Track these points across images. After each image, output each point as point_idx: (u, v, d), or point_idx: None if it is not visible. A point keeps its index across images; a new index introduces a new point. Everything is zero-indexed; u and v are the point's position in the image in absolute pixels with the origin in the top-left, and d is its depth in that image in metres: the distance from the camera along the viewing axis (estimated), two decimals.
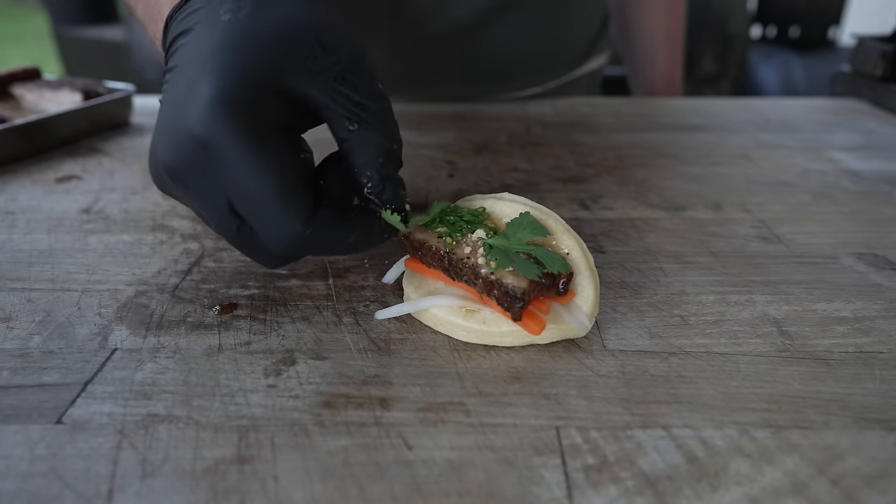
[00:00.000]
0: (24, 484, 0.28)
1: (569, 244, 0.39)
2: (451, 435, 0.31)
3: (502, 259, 0.36)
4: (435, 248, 0.38)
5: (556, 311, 0.38)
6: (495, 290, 0.36)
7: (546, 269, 0.36)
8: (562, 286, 0.37)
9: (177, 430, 0.31)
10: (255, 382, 0.35)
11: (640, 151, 0.72)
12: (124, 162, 0.67)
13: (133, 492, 0.28)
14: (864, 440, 0.31)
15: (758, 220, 0.55)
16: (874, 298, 0.43)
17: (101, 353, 0.37)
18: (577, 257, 0.38)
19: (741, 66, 2.06)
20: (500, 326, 0.37)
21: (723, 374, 0.36)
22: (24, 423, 0.32)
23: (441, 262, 0.38)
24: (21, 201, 0.57)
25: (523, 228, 0.37)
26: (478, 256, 0.37)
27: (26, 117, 0.68)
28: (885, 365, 0.37)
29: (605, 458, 0.30)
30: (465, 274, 0.37)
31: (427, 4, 0.82)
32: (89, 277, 0.45)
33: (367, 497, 0.28)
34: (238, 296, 0.43)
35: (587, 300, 0.38)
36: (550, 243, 0.39)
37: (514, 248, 0.37)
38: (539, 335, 0.37)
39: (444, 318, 0.38)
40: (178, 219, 0.54)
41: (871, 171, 0.67)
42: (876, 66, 0.91)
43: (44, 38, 3.49)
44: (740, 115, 0.87)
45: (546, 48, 0.92)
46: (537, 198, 0.59)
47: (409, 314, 0.40)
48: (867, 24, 2.03)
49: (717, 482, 0.29)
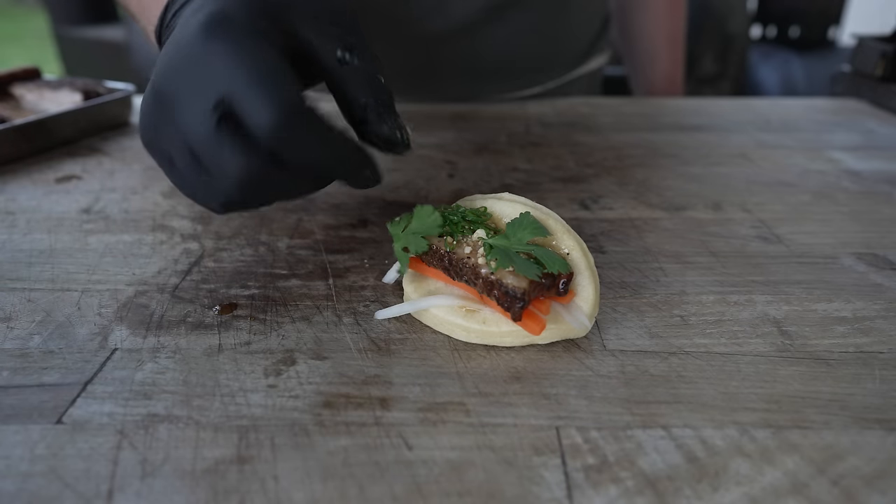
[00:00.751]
0: (24, 484, 0.28)
1: (569, 244, 0.39)
2: (451, 435, 0.31)
3: (502, 259, 0.36)
4: (435, 248, 0.38)
5: (556, 311, 0.38)
6: (495, 290, 0.36)
7: (546, 270, 0.36)
8: (562, 286, 0.37)
9: (177, 430, 0.31)
10: (255, 382, 0.35)
11: (640, 151, 0.72)
12: (124, 162, 0.67)
13: (133, 492, 0.28)
14: (864, 440, 0.31)
15: (758, 220, 0.55)
16: (874, 298, 0.43)
17: (101, 353, 0.37)
18: (578, 257, 0.38)
19: (741, 66, 2.06)
20: (500, 326, 0.37)
21: (723, 374, 0.36)
22: (24, 423, 0.32)
23: (441, 261, 0.38)
24: (21, 201, 0.57)
25: (523, 228, 0.37)
26: (478, 256, 0.37)
27: (26, 117, 0.68)
28: (885, 365, 0.37)
29: (605, 458, 0.30)
30: (466, 274, 0.37)
31: (427, 4, 0.82)
32: (89, 277, 0.45)
33: (367, 497, 0.28)
34: (238, 296, 0.43)
35: (587, 300, 0.38)
36: (550, 243, 0.39)
37: (514, 248, 0.37)
38: (539, 335, 0.37)
39: (444, 318, 0.38)
40: (178, 219, 0.54)
41: (871, 171, 0.67)
42: (876, 66, 0.91)
43: (44, 38, 3.50)
44: (740, 115, 0.87)
45: (546, 48, 0.92)
46: (537, 198, 0.59)
47: (409, 314, 0.40)
48: (867, 24, 2.03)
49: (717, 482, 0.29)
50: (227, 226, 0.53)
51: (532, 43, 0.90)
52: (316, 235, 0.51)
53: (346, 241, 0.51)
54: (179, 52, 0.36)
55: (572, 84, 0.98)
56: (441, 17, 0.83)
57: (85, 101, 0.75)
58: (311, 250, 0.49)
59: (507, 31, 0.87)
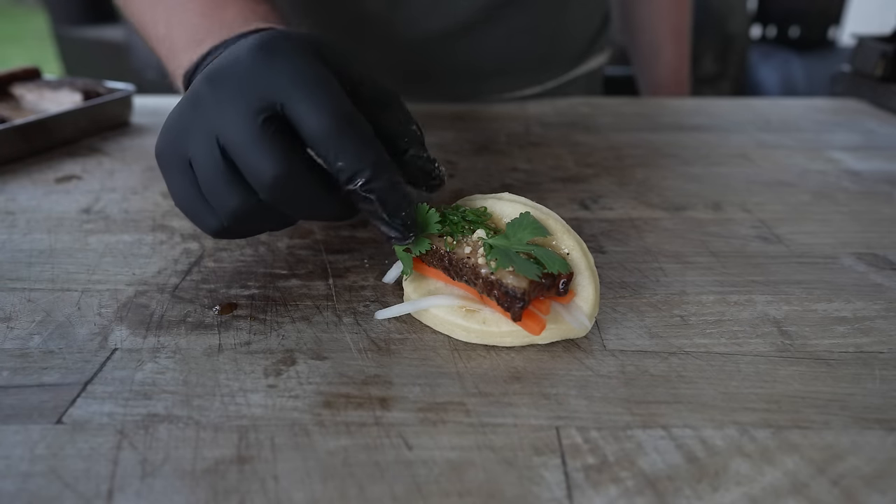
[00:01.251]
0: (24, 484, 0.28)
1: (569, 244, 0.39)
2: (452, 435, 0.31)
3: (502, 259, 0.36)
4: (435, 248, 0.38)
5: (555, 311, 0.38)
6: (495, 290, 0.36)
7: (546, 270, 0.36)
8: (562, 286, 0.37)
9: (177, 430, 0.31)
10: (255, 382, 0.35)
11: (640, 151, 0.72)
12: (124, 162, 0.67)
13: (133, 492, 0.28)
14: (864, 440, 0.31)
15: (758, 220, 0.55)
16: (874, 298, 0.43)
17: (101, 353, 0.37)
18: (578, 257, 0.38)
19: (741, 66, 2.06)
20: (500, 326, 0.37)
21: (723, 374, 0.36)
22: (24, 423, 0.32)
23: (441, 261, 0.38)
24: (21, 201, 0.57)
25: (523, 228, 0.37)
26: (478, 256, 0.37)
27: (26, 117, 0.68)
28: (885, 365, 0.37)
29: (605, 458, 0.30)
30: (466, 274, 0.37)
31: (423, 4, 0.82)
32: (89, 277, 0.45)
33: (367, 497, 0.28)
34: (238, 296, 0.43)
35: (587, 300, 0.38)
36: (550, 243, 0.39)
37: (514, 248, 0.37)
38: (539, 335, 0.37)
39: (444, 318, 0.38)
40: (178, 219, 0.54)
41: (871, 171, 0.67)
42: (876, 66, 0.91)
43: (44, 39, 3.49)
44: (740, 115, 0.87)
45: (544, 47, 0.91)
46: (537, 198, 0.59)
47: (409, 314, 0.40)
48: (867, 23, 2.03)
49: (717, 482, 0.29)
50: None
51: (530, 42, 0.90)
52: (316, 235, 0.51)
53: (346, 241, 0.51)
54: (229, 62, 0.37)
55: (572, 84, 0.97)
56: (438, 17, 0.83)
57: (85, 101, 0.75)
58: (311, 250, 0.49)
59: (504, 30, 0.87)
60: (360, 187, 0.35)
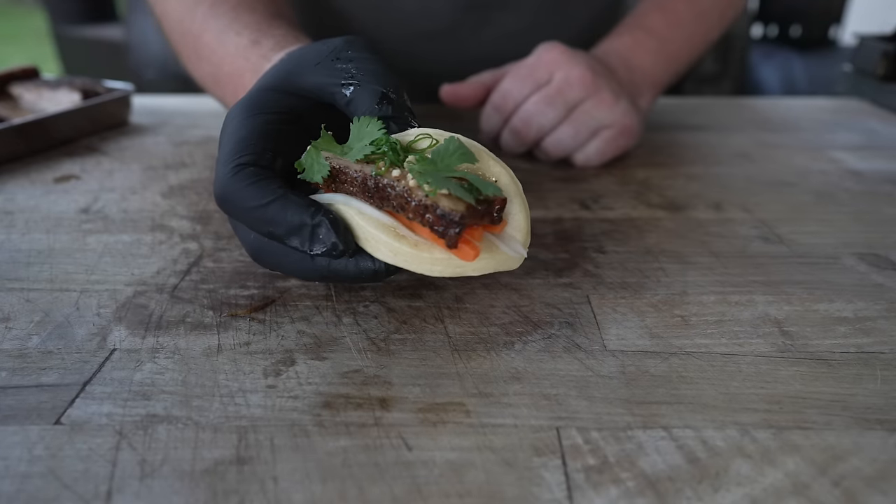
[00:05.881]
0: (23, 485, 0.28)
1: (496, 171, 0.37)
2: (452, 435, 0.31)
3: (437, 182, 0.33)
4: (355, 173, 0.36)
5: (488, 240, 0.35)
6: (429, 213, 0.33)
7: (482, 195, 0.34)
8: (496, 213, 0.34)
9: (176, 430, 0.31)
10: (255, 383, 0.35)
11: (640, 151, 0.72)
12: (123, 162, 0.67)
13: (132, 492, 0.28)
14: (865, 441, 0.31)
15: (759, 220, 0.55)
16: (876, 299, 0.43)
17: (99, 354, 0.37)
18: (507, 184, 0.36)
19: (742, 66, 2.06)
20: (431, 252, 0.34)
21: (724, 374, 0.36)
22: (22, 424, 0.32)
23: (363, 187, 0.35)
24: (19, 201, 0.57)
25: (450, 154, 0.35)
26: (408, 180, 0.34)
27: (25, 117, 0.68)
28: (886, 365, 0.36)
29: (605, 458, 0.30)
30: (394, 199, 0.34)
31: (410, 5, 0.82)
32: (88, 277, 0.45)
33: (366, 498, 0.28)
34: (238, 296, 0.43)
35: (519, 229, 0.36)
36: (478, 171, 0.36)
37: (443, 175, 0.34)
38: (473, 262, 0.34)
39: (374, 232, 0.35)
40: (178, 219, 0.54)
41: (872, 171, 0.67)
42: (877, 66, 0.91)
43: (42, 38, 3.49)
44: (741, 114, 0.87)
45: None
46: (537, 198, 0.59)
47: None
48: (869, 23, 2.03)
49: (718, 483, 0.29)
50: (227, 226, 0.53)
51: (523, 43, 0.89)
52: None
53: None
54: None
55: None
56: (425, 17, 0.83)
57: (84, 101, 0.75)
58: None
59: (494, 32, 0.86)
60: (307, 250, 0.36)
